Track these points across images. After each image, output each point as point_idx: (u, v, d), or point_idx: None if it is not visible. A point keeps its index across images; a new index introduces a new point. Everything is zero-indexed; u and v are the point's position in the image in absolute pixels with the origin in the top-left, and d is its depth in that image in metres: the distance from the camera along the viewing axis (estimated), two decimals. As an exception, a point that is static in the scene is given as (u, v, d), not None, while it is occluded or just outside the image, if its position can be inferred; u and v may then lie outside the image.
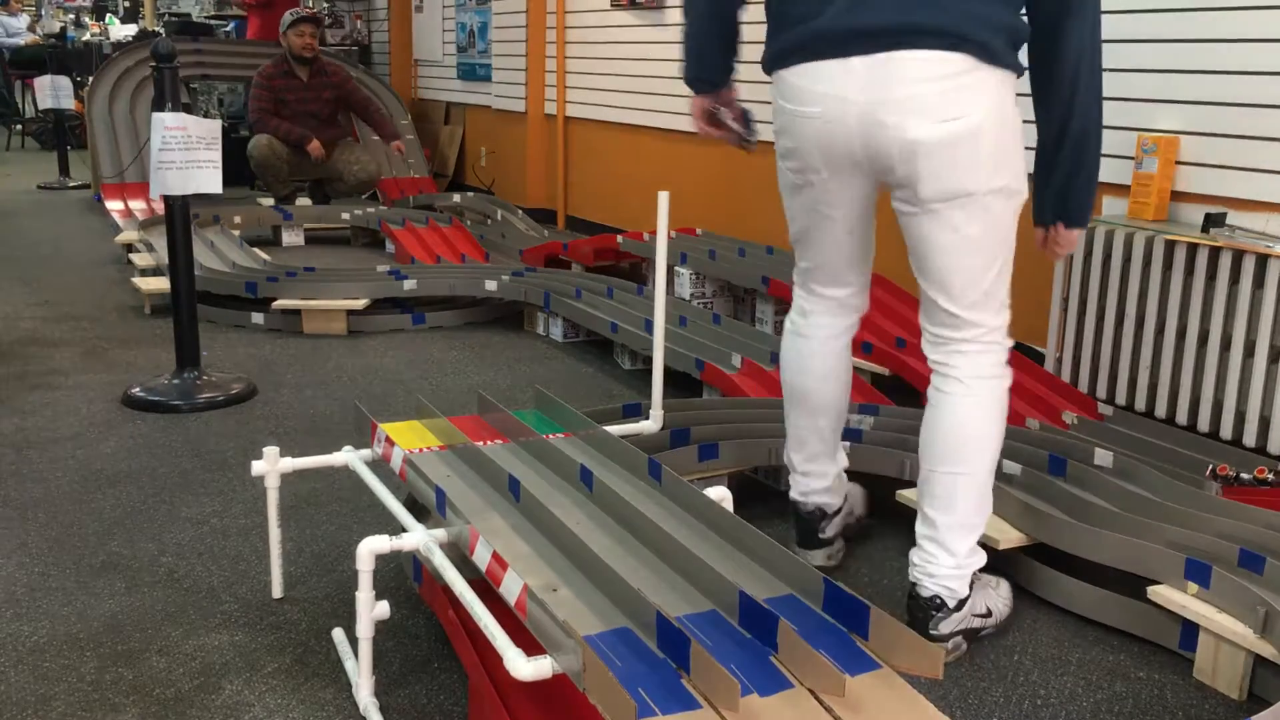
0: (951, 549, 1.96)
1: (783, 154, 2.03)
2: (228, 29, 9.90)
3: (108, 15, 13.82)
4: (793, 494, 2.32)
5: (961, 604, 1.98)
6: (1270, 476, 2.27)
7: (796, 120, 1.94)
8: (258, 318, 4.32)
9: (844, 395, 2.23)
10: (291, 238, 6.16)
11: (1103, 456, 2.46)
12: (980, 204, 1.84)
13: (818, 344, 2.18)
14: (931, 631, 1.97)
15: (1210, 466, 2.37)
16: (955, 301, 1.91)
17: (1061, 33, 1.88)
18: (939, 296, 1.92)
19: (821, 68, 1.86)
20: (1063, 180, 1.95)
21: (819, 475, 2.27)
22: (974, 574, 2.01)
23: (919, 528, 2.00)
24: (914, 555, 2.01)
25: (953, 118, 1.78)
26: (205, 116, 4.15)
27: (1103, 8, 1.85)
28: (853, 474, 2.39)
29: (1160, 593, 2.00)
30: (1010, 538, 2.19)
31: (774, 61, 1.97)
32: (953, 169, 1.81)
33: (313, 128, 6.43)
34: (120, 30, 12.05)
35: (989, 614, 2.04)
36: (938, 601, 1.97)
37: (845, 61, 1.82)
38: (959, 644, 2.00)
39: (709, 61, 2.15)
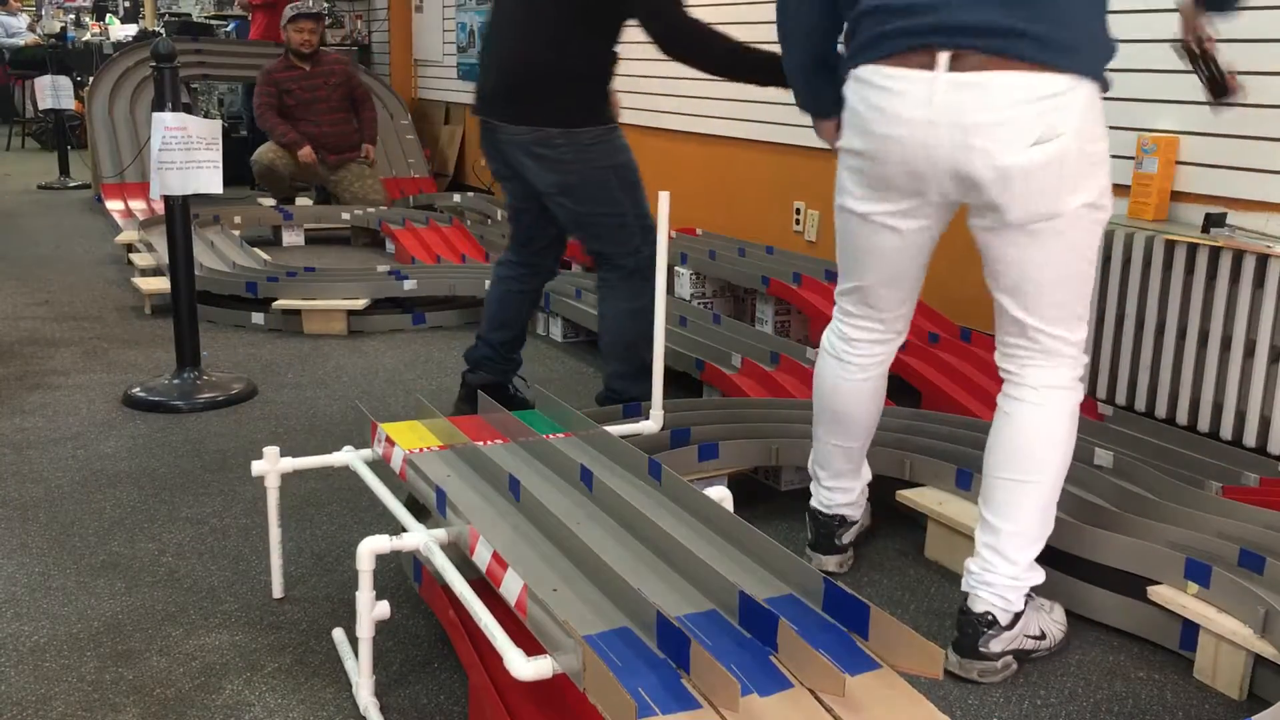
0: (1012, 559, 1.91)
1: (854, 162, 1.93)
2: (228, 29, 9.89)
3: (108, 15, 13.81)
4: (813, 502, 2.32)
5: (1014, 622, 1.93)
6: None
7: (876, 135, 1.85)
8: (258, 318, 4.32)
9: (877, 417, 2.21)
10: (291, 238, 6.16)
11: (1103, 456, 2.46)
12: (1067, 221, 1.79)
13: (859, 373, 2.14)
14: (980, 649, 1.92)
15: None
16: (1033, 314, 1.87)
17: None
18: (1016, 310, 1.88)
19: (909, 80, 1.78)
20: None
21: (844, 490, 2.28)
22: (1029, 593, 1.96)
23: (980, 535, 1.96)
24: (971, 564, 1.96)
25: (1044, 139, 1.72)
26: (205, 116, 4.15)
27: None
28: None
29: (1160, 593, 2.00)
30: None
31: (858, 52, 1.86)
32: (1042, 192, 1.76)
33: (322, 114, 6.43)
34: (120, 30, 12.04)
35: (1043, 636, 1.99)
36: (989, 618, 1.92)
37: (933, 76, 1.74)
38: (1009, 663, 1.96)
39: (825, 96, 2.06)
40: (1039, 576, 1.96)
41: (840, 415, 2.18)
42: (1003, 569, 1.92)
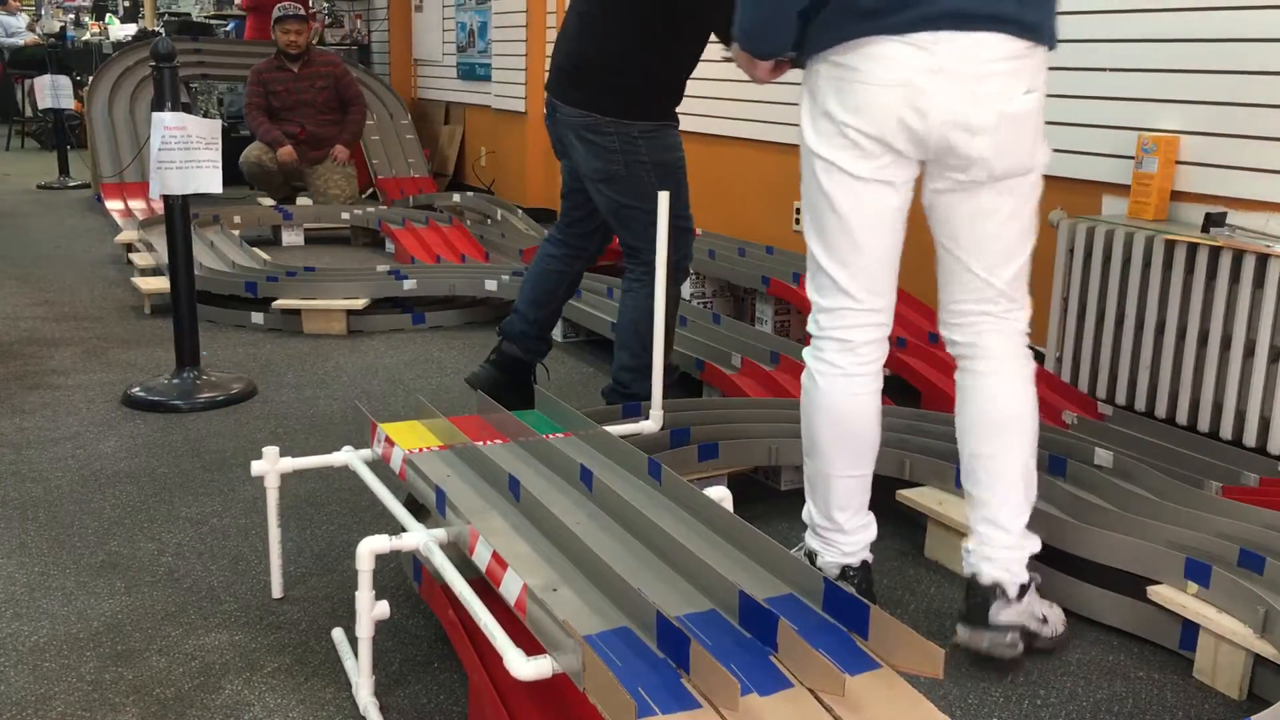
0: (1006, 526, 1.94)
1: (830, 126, 1.90)
2: (228, 29, 9.91)
3: (108, 15, 13.82)
4: (838, 559, 2.08)
5: (1021, 594, 1.94)
6: None
7: (872, 90, 1.84)
8: (258, 318, 4.32)
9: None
10: (291, 238, 6.16)
11: (1103, 456, 2.46)
12: (1034, 178, 1.90)
13: (872, 382, 2.00)
14: (991, 620, 1.93)
15: None
16: (995, 273, 1.91)
17: None
18: (981, 268, 1.91)
19: (907, 40, 1.82)
20: None
21: (867, 527, 2.09)
22: (1031, 574, 1.97)
23: (971, 513, 1.98)
24: (968, 544, 1.98)
25: (1031, 90, 1.84)
26: (205, 116, 4.15)
27: (1104, 8, 1.89)
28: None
29: (1160, 593, 2.00)
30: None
31: (843, 38, 1.85)
32: (1023, 142, 1.85)
33: (308, 115, 6.50)
34: (120, 30, 12.05)
35: (1046, 621, 2.01)
36: (999, 589, 1.93)
37: (934, 36, 1.81)
38: (1015, 640, 1.94)
39: (789, 42, 1.99)
40: (1036, 544, 1.98)
41: (859, 438, 2.01)
42: (1000, 539, 1.94)
